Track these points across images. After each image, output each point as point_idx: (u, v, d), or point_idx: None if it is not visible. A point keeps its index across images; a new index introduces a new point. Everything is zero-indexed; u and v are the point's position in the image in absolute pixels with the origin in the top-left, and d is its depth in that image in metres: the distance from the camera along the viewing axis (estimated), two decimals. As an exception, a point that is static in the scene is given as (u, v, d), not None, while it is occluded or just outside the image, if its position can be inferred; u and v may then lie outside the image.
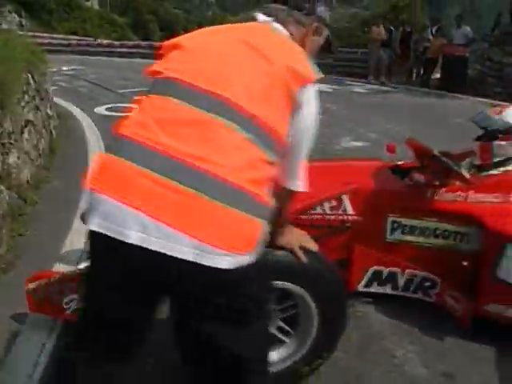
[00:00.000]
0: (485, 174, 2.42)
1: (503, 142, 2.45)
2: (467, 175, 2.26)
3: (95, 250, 1.20)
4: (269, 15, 1.42)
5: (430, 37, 11.33)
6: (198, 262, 1.05)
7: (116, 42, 21.57)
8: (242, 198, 1.10)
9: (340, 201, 2.37)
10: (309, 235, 1.75)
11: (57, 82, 9.34)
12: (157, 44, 20.19)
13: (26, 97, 4.35)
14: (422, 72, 12.10)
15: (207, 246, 1.05)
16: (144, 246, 1.05)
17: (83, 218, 1.15)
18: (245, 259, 1.09)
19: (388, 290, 2.41)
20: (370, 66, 12.55)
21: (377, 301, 2.47)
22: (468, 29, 11.33)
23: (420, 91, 10.75)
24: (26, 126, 4.09)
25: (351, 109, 8.26)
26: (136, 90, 5.98)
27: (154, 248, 1.05)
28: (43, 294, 2.04)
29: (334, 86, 10.72)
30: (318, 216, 2.37)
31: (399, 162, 2.73)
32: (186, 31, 1.50)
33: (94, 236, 1.13)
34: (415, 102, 9.13)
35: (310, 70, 1.27)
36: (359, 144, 5.75)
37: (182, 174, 1.08)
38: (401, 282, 2.39)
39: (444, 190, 2.30)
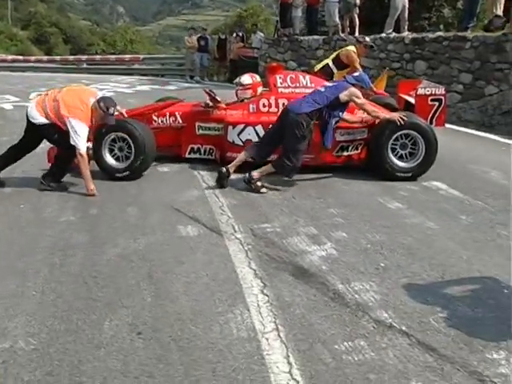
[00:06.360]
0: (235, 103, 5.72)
1: (245, 91, 5.73)
2: (219, 100, 5.47)
3: None
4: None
5: (234, 42, 14.99)
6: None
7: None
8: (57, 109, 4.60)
9: (175, 116, 5.47)
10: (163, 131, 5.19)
11: None
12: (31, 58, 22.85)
13: None
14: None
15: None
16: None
17: None
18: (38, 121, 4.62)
19: (197, 155, 5.56)
20: (187, 69, 15.90)
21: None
22: (262, 35, 15.29)
23: (221, 85, 13.42)
24: None
25: (140, 99, 9.65)
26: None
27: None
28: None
29: (154, 87, 13.48)
30: (167, 123, 5.47)
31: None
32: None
33: None
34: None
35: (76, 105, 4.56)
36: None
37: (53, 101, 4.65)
38: (202, 151, 5.56)
39: (216, 109, 5.49)
